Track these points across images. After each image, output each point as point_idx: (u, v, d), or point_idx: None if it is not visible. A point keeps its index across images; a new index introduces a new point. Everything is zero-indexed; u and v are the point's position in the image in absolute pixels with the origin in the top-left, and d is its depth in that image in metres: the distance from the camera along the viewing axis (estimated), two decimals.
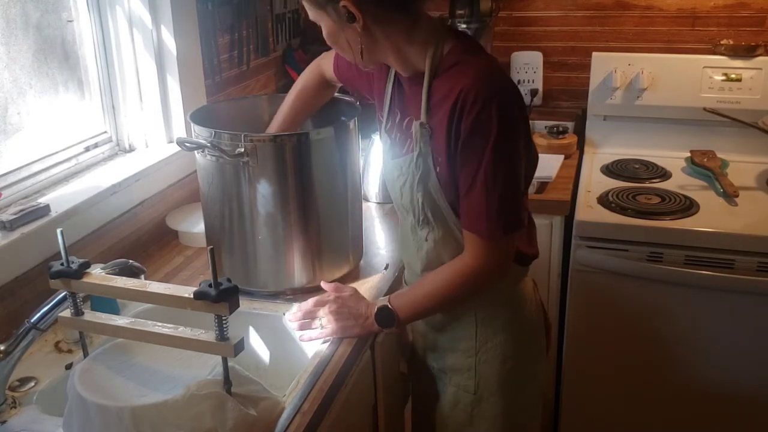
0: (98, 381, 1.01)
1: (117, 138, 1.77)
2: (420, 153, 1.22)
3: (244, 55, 2.11)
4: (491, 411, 1.38)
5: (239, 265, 1.44)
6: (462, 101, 1.13)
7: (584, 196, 2.05)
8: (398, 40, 1.19)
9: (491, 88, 1.13)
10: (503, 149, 1.14)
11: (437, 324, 1.39)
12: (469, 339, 1.35)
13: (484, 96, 1.12)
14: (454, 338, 1.37)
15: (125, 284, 1.03)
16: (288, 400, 1.11)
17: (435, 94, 1.19)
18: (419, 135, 1.21)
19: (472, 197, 1.18)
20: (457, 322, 1.36)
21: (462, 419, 1.40)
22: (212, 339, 0.97)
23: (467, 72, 1.15)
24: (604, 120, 2.38)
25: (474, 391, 1.37)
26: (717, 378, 1.94)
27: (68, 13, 1.62)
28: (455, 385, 1.39)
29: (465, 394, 1.38)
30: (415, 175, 1.24)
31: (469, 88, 1.12)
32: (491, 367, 1.35)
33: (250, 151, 1.33)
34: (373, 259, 1.61)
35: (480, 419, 1.38)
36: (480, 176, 1.15)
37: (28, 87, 1.50)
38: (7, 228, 1.31)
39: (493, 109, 1.12)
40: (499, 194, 1.16)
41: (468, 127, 1.13)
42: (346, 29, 1.17)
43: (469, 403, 1.38)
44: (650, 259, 1.88)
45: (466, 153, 1.16)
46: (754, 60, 2.20)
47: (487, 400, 1.37)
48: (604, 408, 2.09)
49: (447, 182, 1.22)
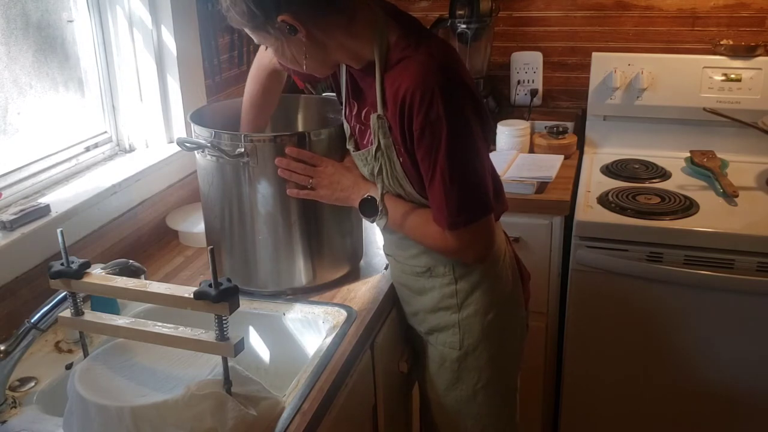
0: (98, 381, 1.01)
1: (117, 138, 1.77)
2: (378, 146, 1.24)
3: (244, 55, 2.11)
4: (476, 363, 1.42)
5: (239, 265, 1.44)
6: (409, 102, 1.14)
7: (584, 196, 2.05)
8: (341, 38, 1.20)
9: (432, 85, 1.13)
10: (456, 144, 1.16)
11: (417, 288, 1.42)
12: (450, 297, 1.38)
13: (428, 95, 1.13)
14: (435, 298, 1.40)
15: (125, 284, 1.03)
16: (288, 400, 1.12)
17: (388, 88, 1.20)
18: (377, 127, 1.23)
19: (433, 191, 1.21)
20: (437, 283, 1.39)
21: (449, 376, 1.45)
22: (212, 339, 0.97)
23: (409, 69, 1.15)
24: (604, 120, 2.38)
25: (459, 346, 1.41)
26: (717, 378, 1.94)
27: (68, 13, 1.62)
28: (441, 344, 1.44)
29: (451, 351, 1.42)
30: (374, 167, 1.27)
31: (412, 89, 1.13)
32: (473, 321, 1.39)
33: (250, 151, 1.33)
34: (373, 259, 1.61)
35: (467, 372, 1.43)
36: (437, 173, 1.18)
37: (29, 87, 1.51)
38: (8, 228, 1.31)
39: (439, 107, 1.13)
40: (458, 188, 1.19)
41: (418, 128, 1.15)
42: (290, 42, 1.18)
43: (456, 359, 1.42)
44: (650, 259, 1.88)
45: (421, 151, 1.18)
46: (753, 60, 2.20)
47: (472, 353, 1.41)
48: (604, 408, 2.09)
49: (412, 172, 1.24)
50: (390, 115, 1.20)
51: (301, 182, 1.35)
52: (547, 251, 2.02)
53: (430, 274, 1.39)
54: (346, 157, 1.39)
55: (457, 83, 1.17)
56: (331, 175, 1.34)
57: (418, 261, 1.39)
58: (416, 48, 1.18)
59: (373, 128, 1.24)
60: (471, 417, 1.47)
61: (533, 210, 1.99)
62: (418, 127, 1.15)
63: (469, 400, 1.45)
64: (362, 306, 1.40)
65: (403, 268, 1.43)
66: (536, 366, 2.10)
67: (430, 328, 1.44)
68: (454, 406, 1.47)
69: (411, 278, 1.42)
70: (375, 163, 1.27)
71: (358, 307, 1.39)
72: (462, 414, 1.47)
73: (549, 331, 2.10)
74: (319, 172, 1.34)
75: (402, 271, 1.44)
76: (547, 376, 2.16)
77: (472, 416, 1.47)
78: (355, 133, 1.34)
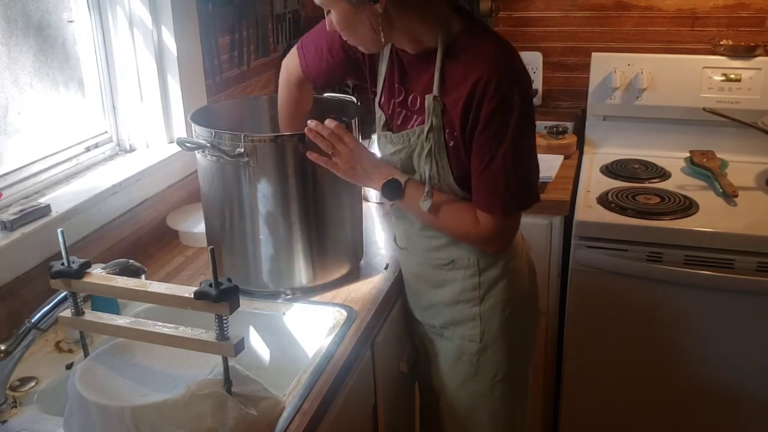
0: (99, 381, 1.01)
1: (117, 138, 1.77)
2: (431, 127, 1.25)
3: (244, 56, 2.11)
4: (495, 356, 1.43)
5: (239, 265, 1.44)
6: (481, 90, 1.18)
7: (584, 196, 2.05)
8: (411, 20, 1.22)
9: (510, 76, 1.19)
10: (522, 133, 1.22)
11: (436, 281, 1.43)
12: (472, 289, 1.40)
13: (504, 83, 1.17)
14: (455, 290, 1.41)
15: (126, 284, 1.03)
16: (288, 400, 1.12)
17: (448, 75, 1.23)
18: (432, 108, 1.24)
19: (489, 177, 1.24)
20: (459, 275, 1.40)
21: (467, 370, 1.45)
22: (212, 339, 0.98)
23: (483, 58, 1.19)
24: (604, 120, 2.39)
25: (480, 339, 1.42)
26: (717, 378, 1.95)
27: (68, 14, 1.62)
28: (459, 337, 1.44)
29: (470, 344, 1.43)
30: (424, 147, 1.28)
31: (488, 78, 1.17)
32: (494, 314, 1.41)
33: (250, 151, 1.33)
34: (373, 259, 1.61)
35: (485, 366, 1.44)
36: (498, 159, 1.22)
37: (29, 87, 1.51)
38: (8, 228, 1.31)
39: (514, 96, 1.18)
40: (518, 176, 1.24)
41: (488, 113, 1.19)
42: (362, 11, 1.19)
43: (475, 352, 1.43)
44: (650, 259, 1.89)
45: (484, 136, 1.21)
46: (753, 60, 2.20)
47: (491, 346, 1.43)
48: (603, 407, 2.09)
49: (457, 157, 1.27)
50: (450, 100, 1.23)
51: (323, 147, 1.33)
52: (547, 251, 2.02)
53: (453, 266, 1.40)
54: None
55: (526, 75, 1.23)
56: (352, 152, 1.34)
57: (440, 253, 1.40)
58: (482, 38, 1.23)
59: (428, 110, 1.25)
60: (486, 411, 1.47)
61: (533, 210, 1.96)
62: (488, 113, 1.18)
63: (485, 394, 1.46)
64: (362, 306, 1.40)
65: (421, 260, 1.44)
66: (536, 366, 2.10)
67: (447, 321, 1.45)
68: (468, 401, 1.48)
69: (430, 270, 1.43)
70: (426, 143, 1.27)
71: (358, 307, 1.39)
72: (476, 409, 1.48)
73: (549, 331, 2.10)
74: (343, 145, 1.33)
75: (419, 263, 1.45)
76: (547, 376, 2.16)
77: (487, 410, 1.47)
78: (395, 118, 1.36)
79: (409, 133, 1.31)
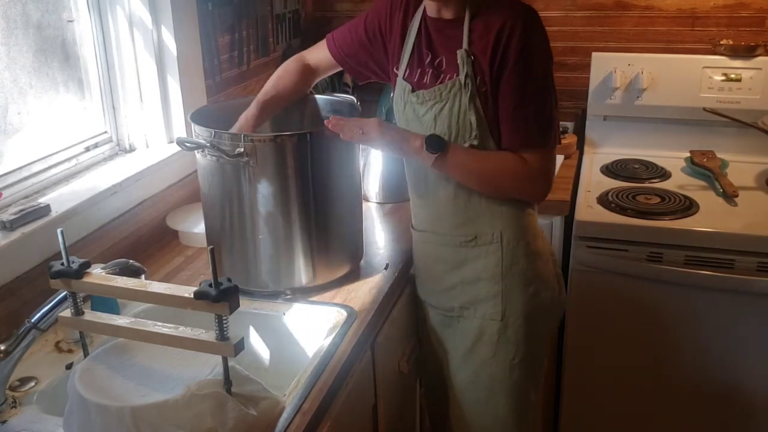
0: (98, 381, 1.01)
1: (117, 138, 1.77)
2: (467, 75, 1.31)
3: (244, 55, 2.11)
4: (515, 336, 1.45)
5: (239, 265, 1.44)
6: (508, 32, 1.28)
7: (584, 196, 2.05)
8: None
9: (531, 23, 1.30)
10: (547, 71, 1.34)
11: (457, 261, 1.45)
12: (495, 265, 1.42)
13: (529, 24, 1.29)
14: (478, 268, 1.43)
15: (125, 284, 1.03)
16: (288, 400, 1.12)
17: (474, 30, 1.32)
18: (464, 60, 1.31)
19: (524, 112, 1.32)
20: (482, 251, 1.42)
21: (486, 351, 1.46)
22: (212, 339, 0.98)
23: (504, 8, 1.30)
24: (604, 120, 2.38)
25: (501, 317, 1.44)
26: (717, 377, 1.95)
27: (68, 13, 1.62)
28: (480, 316, 1.45)
29: (491, 323, 1.44)
30: (463, 96, 1.33)
31: (512, 20, 1.28)
32: (516, 293, 1.43)
33: (250, 151, 1.33)
34: (373, 259, 1.61)
35: (504, 345, 1.45)
36: (529, 94, 1.31)
37: (29, 87, 1.51)
38: (8, 228, 1.31)
39: (536, 39, 1.30)
40: (547, 110, 1.34)
41: (516, 52, 1.28)
42: None
43: (496, 332, 1.44)
44: (650, 259, 1.88)
45: (514, 76, 1.30)
46: (753, 60, 2.20)
47: (512, 325, 1.44)
48: (604, 407, 2.09)
49: (489, 103, 1.33)
50: (478, 49, 1.31)
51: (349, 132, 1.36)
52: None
53: (475, 242, 1.42)
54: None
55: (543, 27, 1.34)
56: (380, 124, 1.37)
57: (463, 230, 1.42)
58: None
59: (460, 62, 1.32)
60: (504, 394, 1.48)
61: None
62: (516, 52, 1.28)
63: (503, 377, 1.47)
64: (362, 306, 1.40)
65: (441, 240, 1.45)
66: None
67: (468, 300, 1.46)
68: (487, 384, 1.48)
69: (451, 250, 1.45)
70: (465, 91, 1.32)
71: (358, 307, 1.39)
72: (494, 392, 1.48)
73: None
74: (367, 124, 1.36)
75: (439, 244, 1.46)
76: (547, 376, 2.16)
77: (506, 393, 1.48)
78: (423, 78, 1.40)
79: (441, 88, 1.35)
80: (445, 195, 1.42)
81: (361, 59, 1.53)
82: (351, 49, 1.52)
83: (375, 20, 1.48)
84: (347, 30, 1.53)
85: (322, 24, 2.60)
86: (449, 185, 1.41)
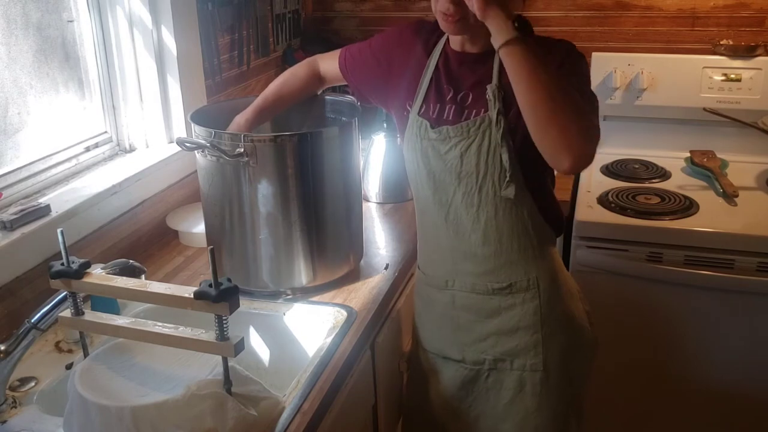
0: (98, 381, 1.01)
1: (117, 138, 1.77)
2: (499, 111, 1.26)
3: (244, 55, 2.11)
4: (558, 385, 1.38)
5: (239, 265, 1.44)
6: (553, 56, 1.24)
7: (584, 196, 2.05)
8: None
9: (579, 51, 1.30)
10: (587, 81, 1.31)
11: (489, 310, 1.36)
12: (533, 314, 1.35)
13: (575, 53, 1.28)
14: (515, 317, 1.35)
15: (125, 284, 1.03)
16: (288, 400, 1.12)
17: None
18: (495, 96, 1.26)
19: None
20: (518, 299, 1.35)
21: (529, 403, 1.38)
22: (212, 339, 0.98)
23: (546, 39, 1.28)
24: (604, 120, 2.38)
25: (543, 367, 1.36)
26: (717, 378, 1.95)
27: (68, 13, 1.62)
28: (519, 368, 1.38)
29: (532, 374, 1.37)
30: (494, 132, 1.26)
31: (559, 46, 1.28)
32: (555, 340, 1.36)
33: (250, 151, 1.33)
34: (373, 259, 1.61)
35: (547, 397, 1.38)
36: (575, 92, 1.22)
37: (29, 87, 1.51)
38: (8, 228, 1.31)
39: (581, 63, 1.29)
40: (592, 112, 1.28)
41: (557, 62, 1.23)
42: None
43: (538, 382, 1.37)
44: (650, 259, 1.88)
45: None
46: (753, 60, 2.20)
47: (554, 374, 1.37)
48: (604, 407, 2.09)
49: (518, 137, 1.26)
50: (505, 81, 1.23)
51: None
52: None
53: (510, 290, 1.35)
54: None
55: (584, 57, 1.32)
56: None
57: (496, 276, 1.34)
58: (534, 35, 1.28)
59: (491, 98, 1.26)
60: None
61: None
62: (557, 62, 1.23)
63: (549, 424, 1.39)
64: (362, 306, 1.40)
65: (471, 286, 1.36)
66: None
67: (505, 352, 1.37)
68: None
69: (481, 299, 1.36)
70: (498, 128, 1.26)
71: (358, 307, 1.39)
72: None
73: None
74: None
75: (467, 290, 1.37)
76: None
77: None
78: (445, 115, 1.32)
79: (469, 124, 1.28)
80: (473, 239, 1.33)
81: (365, 79, 1.47)
82: (357, 65, 1.47)
83: (389, 47, 1.42)
84: (361, 46, 1.48)
85: (322, 24, 2.61)
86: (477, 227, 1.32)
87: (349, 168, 1.46)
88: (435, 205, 1.35)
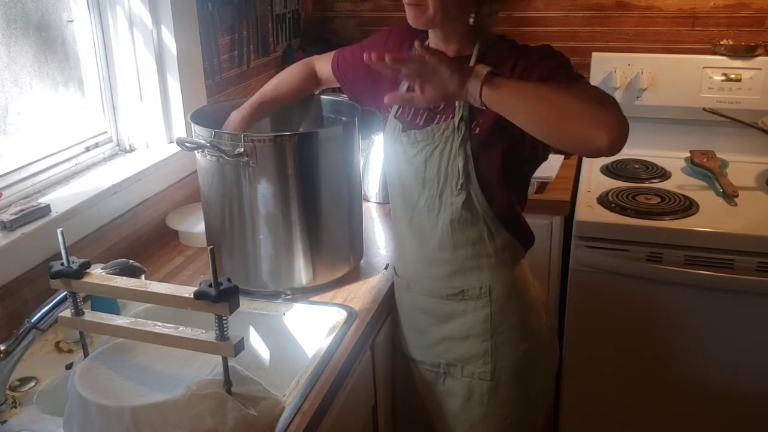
0: (98, 381, 1.01)
1: (117, 138, 1.77)
2: (462, 118, 1.25)
3: (244, 55, 2.11)
4: (507, 397, 1.38)
5: (239, 265, 1.44)
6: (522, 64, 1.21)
7: (584, 196, 2.05)
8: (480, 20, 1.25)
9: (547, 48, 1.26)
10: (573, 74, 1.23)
11: (444, 314, 1.38)
12: (483, 322, 1.35)
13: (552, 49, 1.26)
14: (466, 324, 1.36)
15: (125, 284, 1.03)
16: (288, 400, 1.12)
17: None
18: (461, 104, 1.25)
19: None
20: (469, 306, 1.35)
21: (476, 411, 1.39)
22: (212, 339, 0.98)
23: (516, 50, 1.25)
24: None
25: (491, 377, 1.37)
26: (717, 378, 1.94)
27: (68, 13, 1.62)
28: (469, 375, 1.39)
29: (480, 383, 1.38)
30: (455, 139, 1.26)
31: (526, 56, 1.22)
32: (506, 351, 1.36)
33: (250, 151, 1.33)
34: (373, 259, 1.61)
35: (495, 407, 1.38)
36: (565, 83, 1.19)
37: (29, 87, 1.51)
38: (8, 228, 1.31)
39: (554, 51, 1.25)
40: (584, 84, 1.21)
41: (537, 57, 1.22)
42: None
43: (486, 392, 1.38)
44: (650, 259, 1.88)
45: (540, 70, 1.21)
46: (753, 60, 2.20)
47: (504, 385, 1.37)
48: (603, 407, 2.09)
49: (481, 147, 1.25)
50: None
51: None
52: (547, 251, 2.02)
53: (462, 296, 1.36)
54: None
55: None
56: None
57: (450, 282, 1.36)
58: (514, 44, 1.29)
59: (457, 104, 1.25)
60: None
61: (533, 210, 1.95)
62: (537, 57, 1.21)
63: None
64: (362, 306, 1.40)
65: (428, 291, 1.39)
66: None
67: (457, 357, 1.39)
68: None
69: (437, 302, 1.38)
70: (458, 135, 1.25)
71: (358, 307, 1.39)
72: None
73: None
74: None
75: (426, 295, 1.39)
76: None
77: None
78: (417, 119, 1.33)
79: (434, 129, 1.28)
80: (438, 242, 1.34)
81: (356, 82, 1.47)
82: (348, 68, 1.48)
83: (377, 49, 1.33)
84: (353, 49, 1.48)
85: (322, 24, 2.61)
86: (437, 233, 1.33)
87: (349, 168, 1.46)
88: (402, 207, 1.38)
